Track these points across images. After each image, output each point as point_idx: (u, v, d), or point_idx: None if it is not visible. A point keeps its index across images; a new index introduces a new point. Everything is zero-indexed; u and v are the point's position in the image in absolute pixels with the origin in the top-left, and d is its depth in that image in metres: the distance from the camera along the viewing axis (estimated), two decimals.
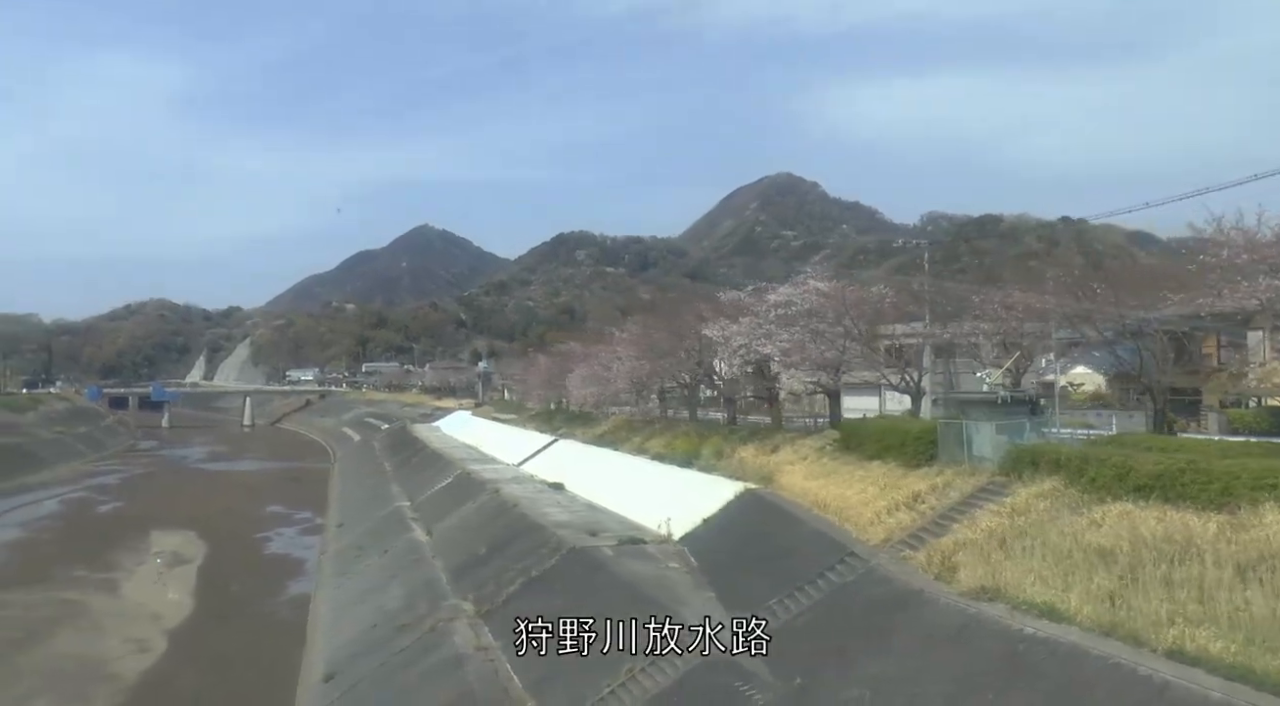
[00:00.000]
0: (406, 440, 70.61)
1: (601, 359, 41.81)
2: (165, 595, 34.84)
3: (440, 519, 34.62)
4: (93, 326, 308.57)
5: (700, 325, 31.44)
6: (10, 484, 73.88)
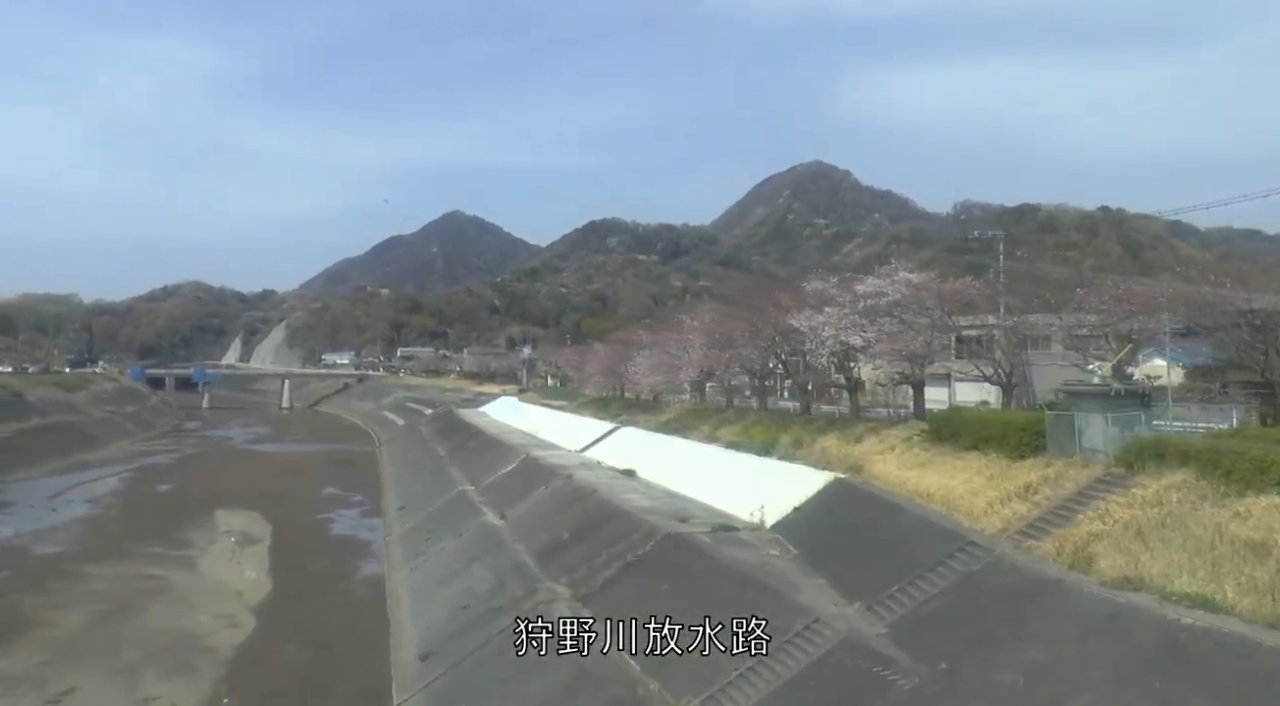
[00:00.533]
0: (456, 424, 71.16)
1: (669, 347, 41.87)
2: (243, 573, 35.49)
3: (512, 503, 34.91)
4: (131, 307, 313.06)
5: (779, 314, 31.45)
6: (68, 461, 75.42)
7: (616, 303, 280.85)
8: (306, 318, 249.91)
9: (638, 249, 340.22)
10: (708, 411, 39.69)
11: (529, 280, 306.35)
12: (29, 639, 26.81)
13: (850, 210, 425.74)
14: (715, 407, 40.46)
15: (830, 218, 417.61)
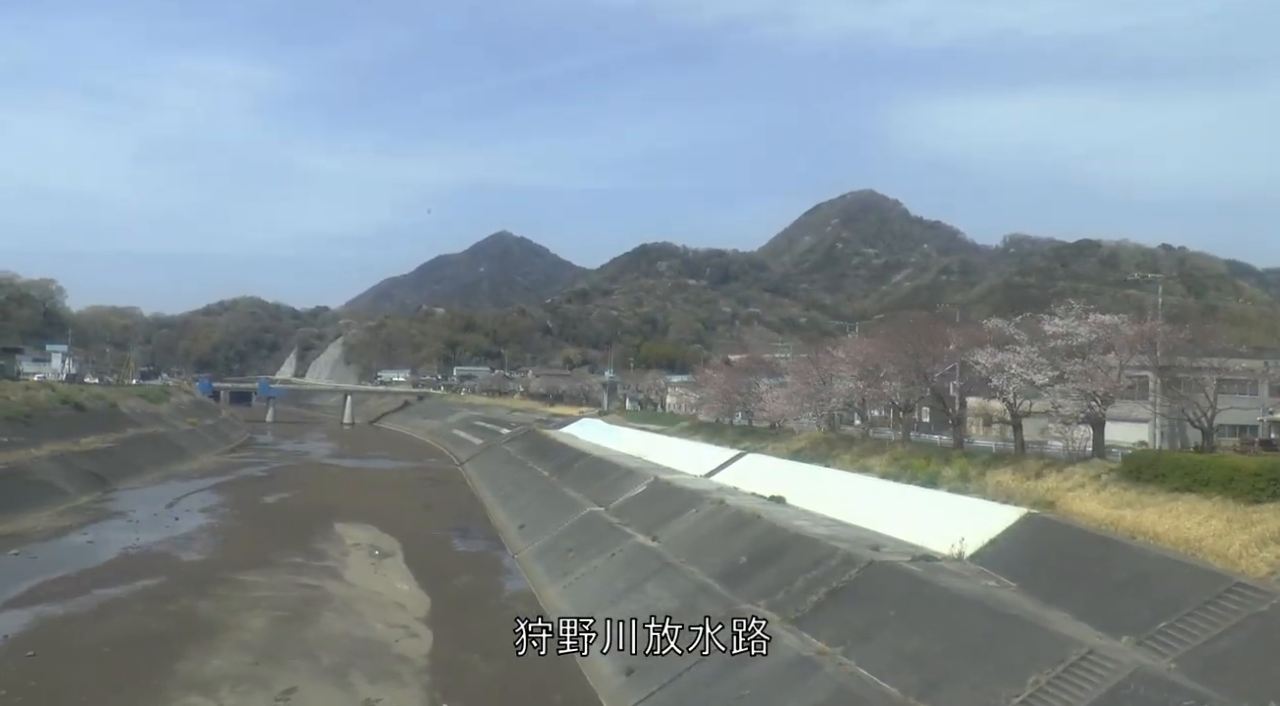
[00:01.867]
0: (547, 445, 71.95)
1: (809, 377, 42.24)
2: (394, 584, 36.28)
3: (659, 526, 35.36)
4: (189, 321, 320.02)
5: (935, 349, 31.87)
6: (166, 471, 77.37)
7: (666, 326, 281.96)
8: (363, 335, 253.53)
9: (687, 273, 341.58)
10: (842, 441, 39.97)
11: (579, 302, 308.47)
12: (224, 641, 27.70)
13: (899, 240, 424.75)
14: (848, 438, 40.73)
15: (879, 247, 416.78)
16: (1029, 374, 27.31)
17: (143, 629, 29.29)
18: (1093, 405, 26.73)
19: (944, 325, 35.91)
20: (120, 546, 43.69)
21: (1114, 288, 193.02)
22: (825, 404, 41.39)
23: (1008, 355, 27.91)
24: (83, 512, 53.86)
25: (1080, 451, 27.92)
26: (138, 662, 25.56)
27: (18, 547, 42.76)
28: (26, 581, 35.82)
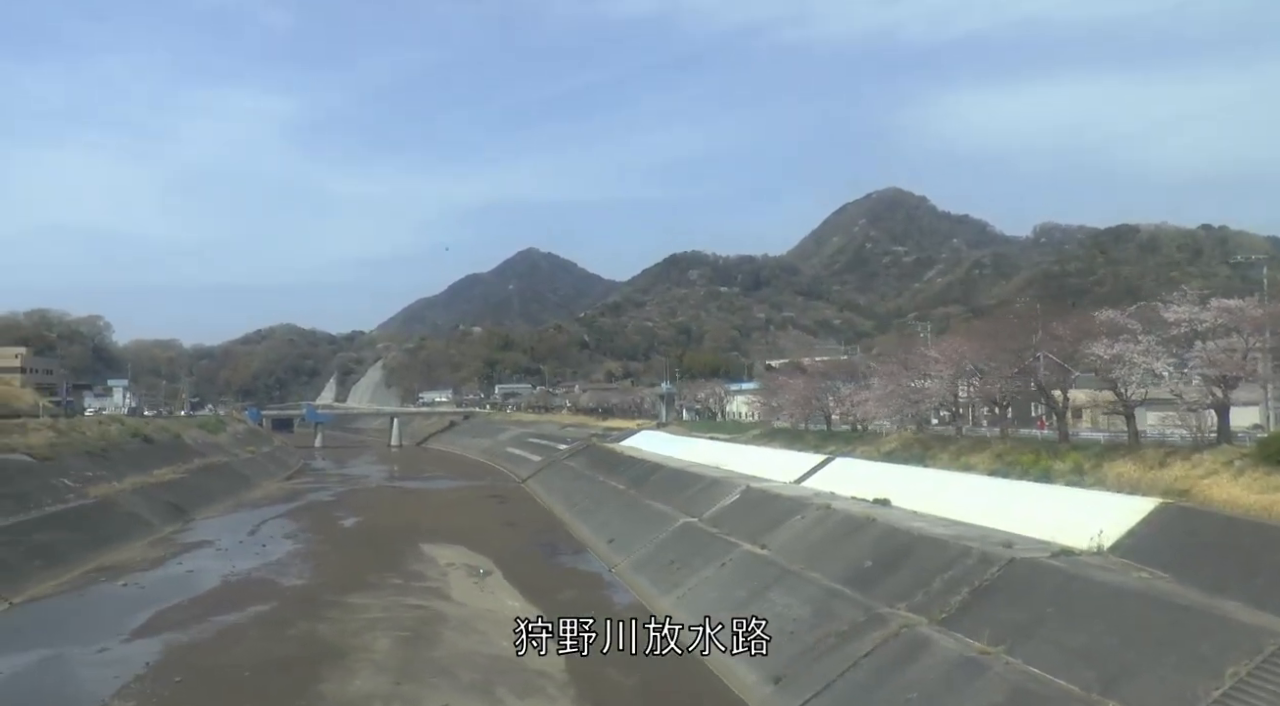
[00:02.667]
0: (613, 458, 72.14)
1: (900, 378, 42.12)
2: (504, 602, 36.54)
3: (765, 533, 35.37)
4: (228, 351, 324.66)
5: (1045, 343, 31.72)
6: (236, 500, 78.45)
7: (701, 335, 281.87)
8: (402, 357, 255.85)
9: (718, 281, 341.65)
10: (936, 441, 39.78)
11: (612, 315, 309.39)
12: (356, 663, 28.06)
13: (928, 237, 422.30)
14: (941, 437, 40.53)
15: (908, 244, 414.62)
16: (1151, 363, 27.11)
17: (271, 653, 29.75)
18: (1216, 390, 26.49)
19: (1050, 318, 35.54)
20: (219, 574, 44.37)
21: (1157, 270, 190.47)
22: (917, 404, 41.21)
23: (1126, 345, 27.70)
24: (171, 543, 54.80)
25: (1204, 438, 27.64)
26: (282, 686, 25.99)
27: (123, 578, 43.67)
28: (144, 611, 36.58)
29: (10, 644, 31.71)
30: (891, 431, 45.53)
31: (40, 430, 66.77)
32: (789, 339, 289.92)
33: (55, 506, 52.83)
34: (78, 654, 30.90)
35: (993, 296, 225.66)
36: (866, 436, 46.93)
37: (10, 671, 28.72)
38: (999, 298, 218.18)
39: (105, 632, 33.47)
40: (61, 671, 29.09)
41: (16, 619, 36.33)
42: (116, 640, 32.52)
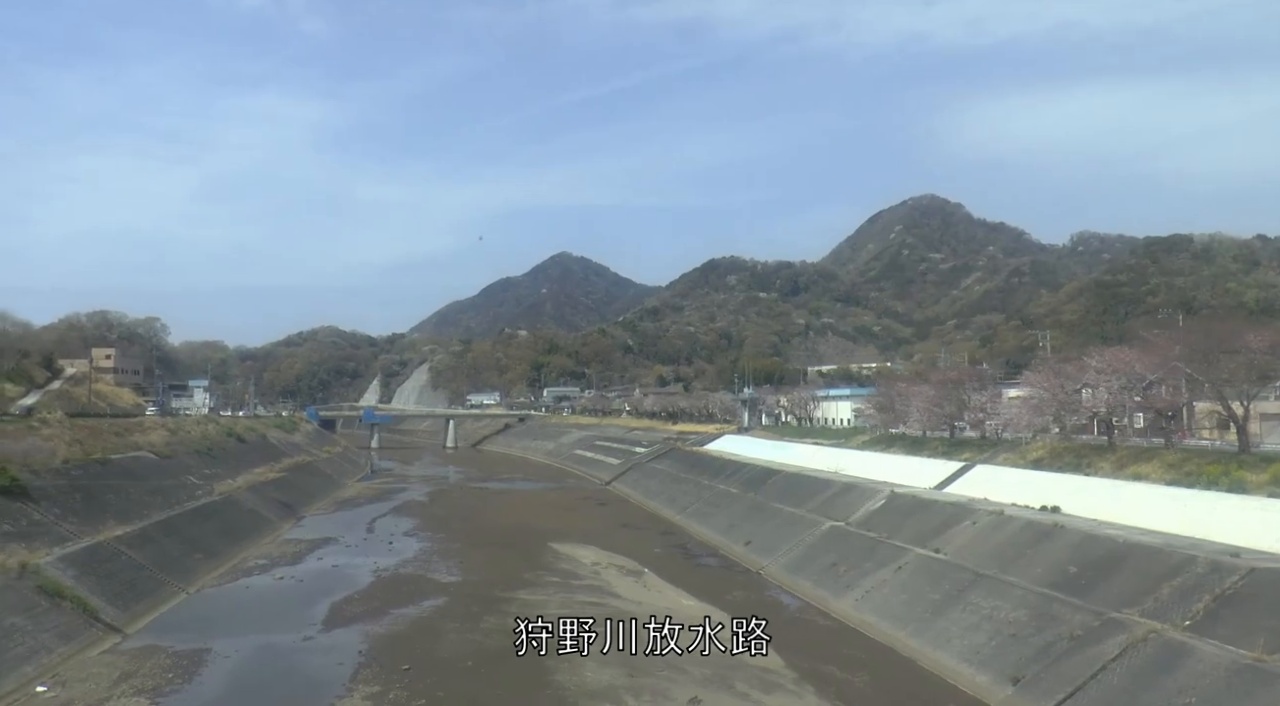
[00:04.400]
0: (712, 462, 72.88)
1: (1054, 387, 42.50)
2: (678, 601, 37.23)
3: (931, 538, 35.95)
4: (270, 352, 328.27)
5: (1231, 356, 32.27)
6: (330, 499, 79.91)
7: (741, 341, 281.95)
8: (449, 359, 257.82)
9: (756, 286, 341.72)
10: (1089, 450, 40.19)
11: (651, 319, 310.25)
12: (573, 655, 28.83)
13: (964, 244, 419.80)
14: (1093, 446, 40.90)
15: (944, 252, 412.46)
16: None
17: (481, 646, 30.65)
18: None
19: (1241, 329, 35.94)
20: (367, 570, 45.48)
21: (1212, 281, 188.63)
22: (1074, 414, 41.61)
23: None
24: (296, 539, 56.03)
25: None
26: (515, 676, 26.80)
27: (275, 572, 45.00)
28: (318, 603, 37.78)
29: (214, 630, 32.94)
30: (1029, 440, 45.88)
31: (156, 429, 68.47)
32: (828, 345, 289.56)
33: (193, 503, 54.33)
34: (286, 641, 32.04)
35: (1042, 305, 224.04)
36: (1002, 444, 47.34)
37: (237, 656, 29.90)
38: (1049, 306, 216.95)
39: (295, 623, 34.60)
40: (283, 657, 30.23)
41: (199, 608, 37.64)
42: (313, 629, 33.63)
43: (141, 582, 38.91)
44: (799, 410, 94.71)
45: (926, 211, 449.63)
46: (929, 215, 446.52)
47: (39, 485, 42.26)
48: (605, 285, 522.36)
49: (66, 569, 35.26)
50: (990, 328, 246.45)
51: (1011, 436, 48.88)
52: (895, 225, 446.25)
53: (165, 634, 32.97)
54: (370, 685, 26.36)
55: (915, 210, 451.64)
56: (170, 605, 37.92)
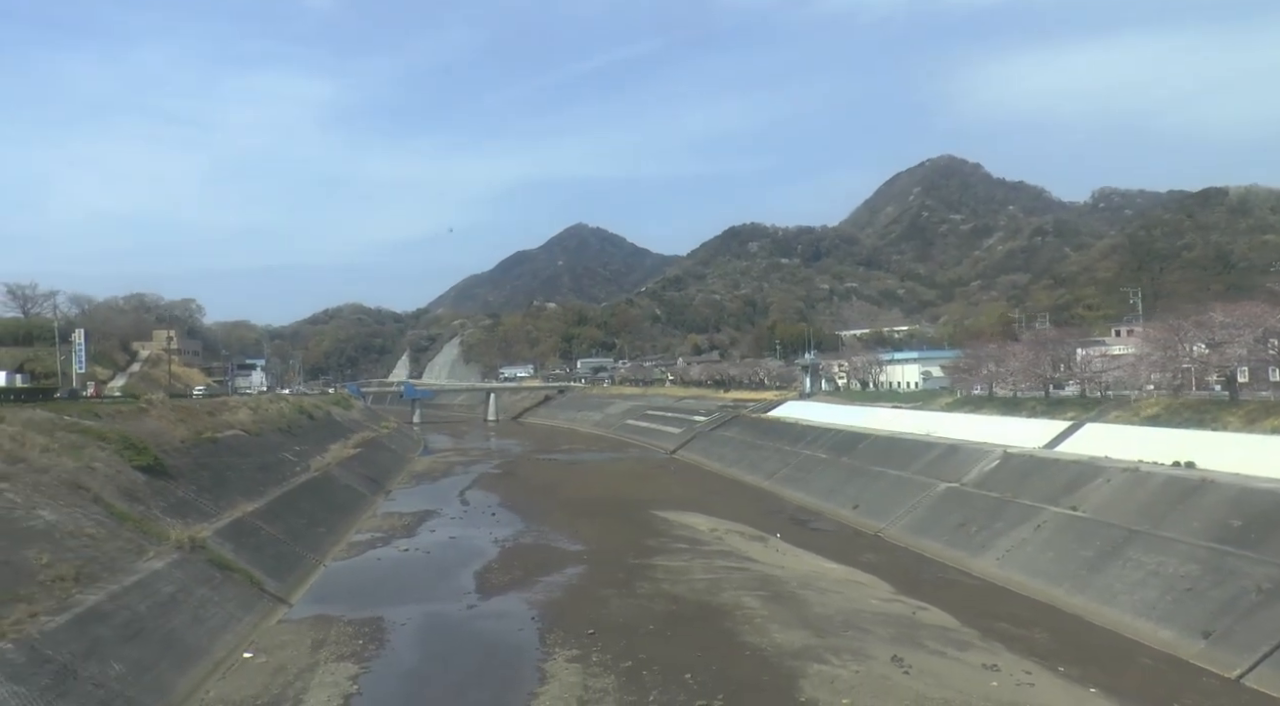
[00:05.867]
0: (787, 428, 73.66)
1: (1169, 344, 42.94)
2: (820, 564, 37.99)
3: (1063, 497, 36.55)
4: (297, 331, 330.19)
5: None
6: (406, 473, 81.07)
7: (766, 307, 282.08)
8: (480, 333, 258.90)
9: (778, 253, 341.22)
10: (1210, 405, 40.71)
11: (674, 288, 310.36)
12: (747, 618, 29.61)
13: (983, 204, 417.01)
14: (1212, 401, 41.39)
15: (964, 212, 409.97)
16: None
17: (649, 610, 31.43)
18: None
19: None
20: (486, 541, 46.53)
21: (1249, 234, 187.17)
22: (1201, 370, 42.00)
23: None
24: (396, 513, 56.97)
25: None
26: (701, 638, 27.51)
27: (393, 544, 46.10)
28: (458, 574, 38.85)
29: (372, 600, 33.88)
30: (1137, 398, 46.33)
31: (241, 409, 69.59)
32: (852, 310, 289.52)
33: (297, 479, 55.50)
34: (451, 610, 33.02)
35: (1073, 263, 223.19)
36: (1107, 402, 47.84)
37: (411, 623, 30.83)
38: (1081, 264, 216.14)
39: (448, 592, 35.57)
40: (457, 624, 31.19)
41: (342, 579, 38.75)
42: (470, 598, 34.57)
43: (284, 556, 40.09)
44: (860, 374, 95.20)
45: (945, 172, 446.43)
46: (947, 176, 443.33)
47: (172, 464, 43.42)
48: (622, 255, 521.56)
49: (224, 543, 36.44)
50: (1016, 287, 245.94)
51: (1114, 395, 49.37)
52: (913, 187, 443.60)
53: (326, 604, 34.05)
54: (565, 648, 27.24)
55: (933, 171, 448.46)
56: (315, 577, 39.10)
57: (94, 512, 32.59)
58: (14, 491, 29.88)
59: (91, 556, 28.64)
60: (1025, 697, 21.93)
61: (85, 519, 31.44)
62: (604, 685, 23.68)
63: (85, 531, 30.13)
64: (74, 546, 28.46)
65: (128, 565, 29.46)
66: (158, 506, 37.75)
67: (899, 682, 23.10)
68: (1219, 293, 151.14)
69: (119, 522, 32.88)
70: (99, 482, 35.60)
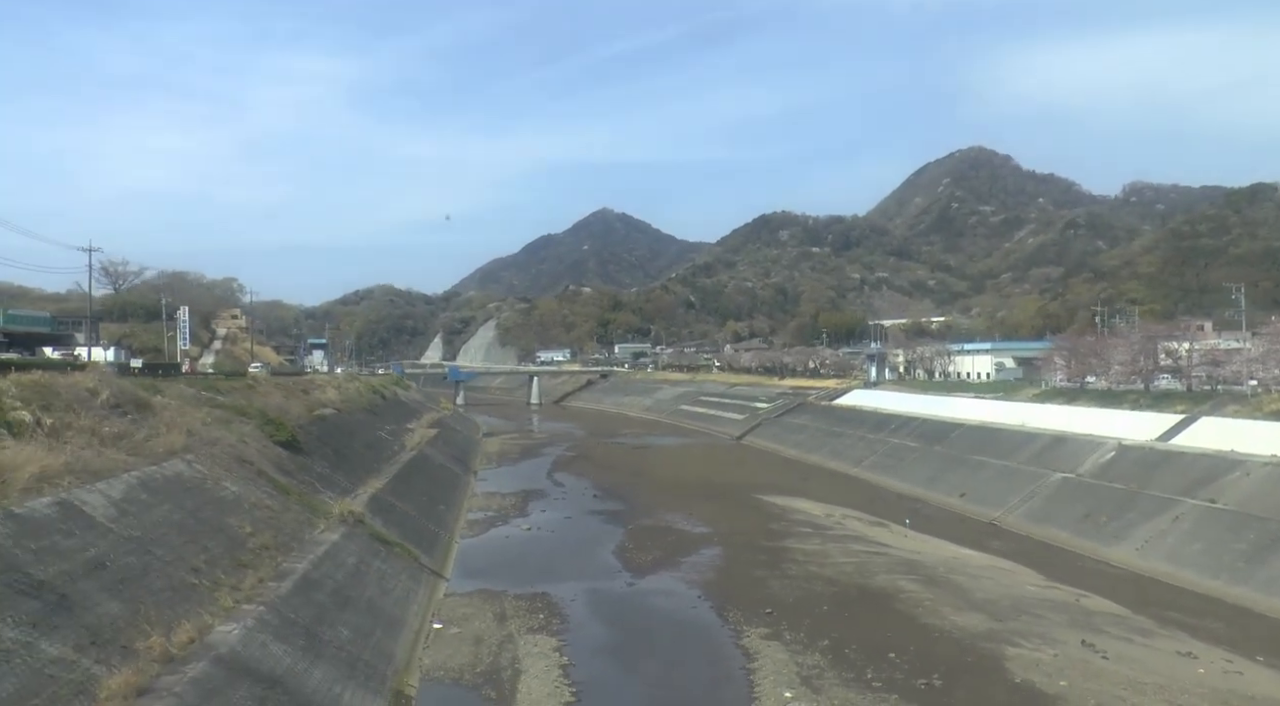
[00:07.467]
0: (867, 416, 74.25)
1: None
2: (960, 550, 38.68)
3: (1197, 489, 37.17)
4: (329, 311, 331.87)
5: None
6: (481, 455, 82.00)
7: (797, 296, 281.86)
8: (515, 317, 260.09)
9: (809, 241, 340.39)
10: None
11: (705, 275, 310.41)
12: (911, 601, 30.58)
13: (1013, 196, 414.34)
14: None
15: (993, 204, 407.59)
16: None
17: (810, 590, 32.42)
18: None
19: None
20: (601, 522, 47.83)
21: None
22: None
23: None
24: (496, 494, 57.90)
25: None
26: (878, 618, 28.65)
27: (511, 523, 47.20)
28: (596, 553, 39.88)
29: (525, 576, 34.89)
30: (1255, 393, 46.74)
31: (327, 388, 70.79)
32: (883, 300, 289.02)
33: (401, 457, 56.60)
34: (612, 587, 33.99)
35: (1114, 257, 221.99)
36: (1220, 397, 48.23)
37: (580, 599, 31.72)
38: (1122, 259, 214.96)
39: (597, 570, 36.60)
40: (626, 600, 32.12)
41: (483, 556, 39.83)
42: (624, 576, 35.58)
43: (423, 532, 41.20)
44: (926, 364, 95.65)
45: (974, 163, 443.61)
46: (977, 167, 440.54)
47: (302, 440, 44.51)
48: (648, 241, 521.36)
49: (374, 518, 37.50)
50: (1050, 281, 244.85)
51: (1223, 389, 49.81)
52: (942, 178, 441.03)
53: (481, 578, 35.07)
54: (751, 626, 28.15)
55: (963, 162, 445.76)
56: (454, 553, 40.20)
57: (263, 485, 33.70)
58: (200, 463, 30.93)
59: (278, 526, 29.80)
60: (1238, 685, 22.67)
61: (258, 491, 32.57)
62: (814, 662, 24.60)
63: (265, 504, 31.26)
64: (262, 517, 29.59)
65: (307, 536, 30.56)
66: (302, 480, 38.85)
67: (1103, 667, 23.89)
68: (1269, 289, 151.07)
69: (284, 495, 33.98)
70: (255, 456, 36.74)
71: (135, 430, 29.67)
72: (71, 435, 25.49)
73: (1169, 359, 54.70)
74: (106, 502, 22.23)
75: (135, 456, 26.95)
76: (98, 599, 17.70)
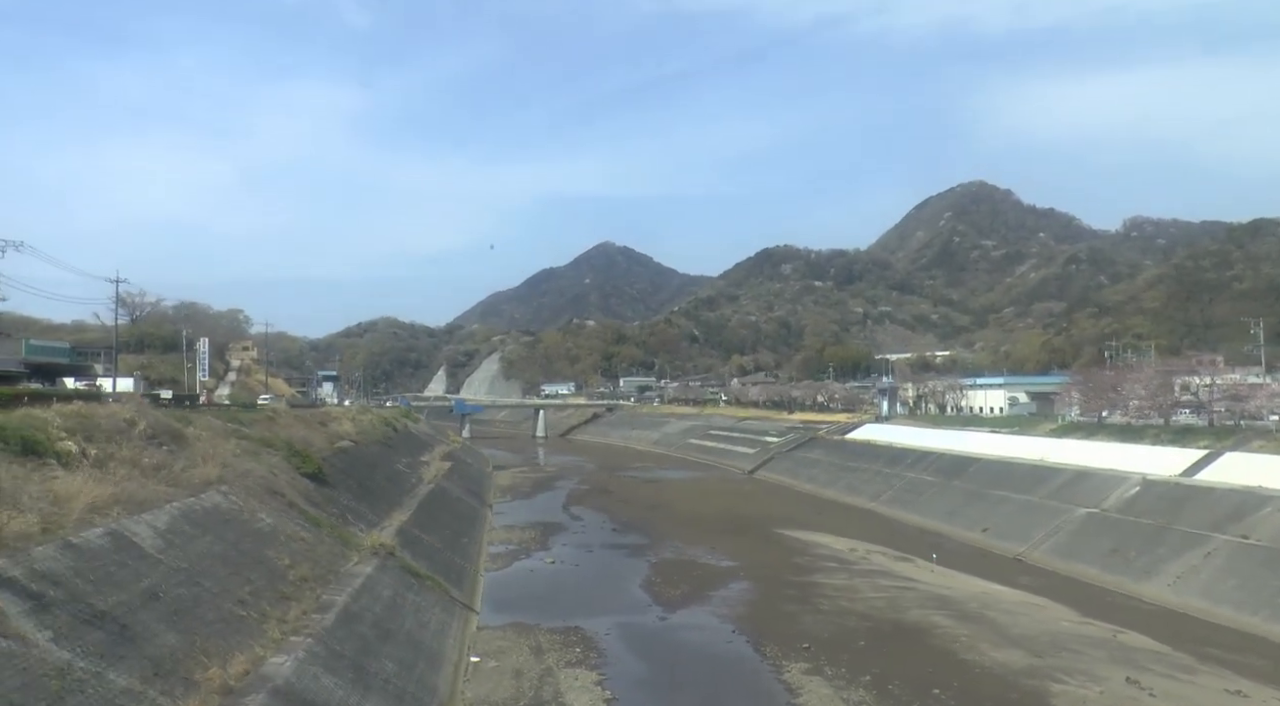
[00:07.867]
0: (880, 451, 74.19)
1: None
2: (990, 585, 38.49)
3: (1229, 524, 37.19)
4: (331, 343, 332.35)
5: None
6: (493, 488, 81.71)
7: (800, 330, 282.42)
8: (520, 350, 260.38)
9: (811, 275, 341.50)
10: None
11: (708, 309, 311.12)
12: (945, 636, 30.50)
13: (1014, 231, 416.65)
14: None
15: (995, 239, 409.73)
16: None
17: (844, 626, 32.32)
18: None
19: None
20: (624, 556, 47.63)
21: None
22: None
23: None
24: (515, 526, 57.76)
25: None
26: (915, 654, 28.54)
27: (534, 557, 47.06)
28: (625, 587, 39.73)
29: (557, 610, 34.77)
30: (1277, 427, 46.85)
31: (343, 420, 70.77)
32: (886, 334, 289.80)
33: (419, 490, 56.52)
34: (644, 621, 33.89)
35: (1118, 292, 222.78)
36: (1243, 431, 48.30)
37: (615, 633, 31.59)
38: (1126, 294, 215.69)
39: (627, 604, 36.51)
40: (658, 634, 31.98)
41: (510, 589, 39.68)
42: (655, 610, 35.50)
43: (450, 565, 41.07)
44: (937, 398, 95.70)
45: (975, 198, 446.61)
46: (978, 201, 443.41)
47: (327, 471, 44.49)
48: (649, 275, 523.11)
49: (402, 550, 37.40)
50: (1052, 315, 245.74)
51: (1246, 424, 49.92)
52: (944, 212, 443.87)
53: (511, 612, 34.95)
54: (790, 661, 28.04)
55: (964, 197, 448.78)
56: (481, 586, 40.02)
57: (295, 517, 33.69)
58: (235, 495, 30.93)
59: (314, 558, 29.77)
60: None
61: (291, 523, 32.54)
62: (859, 697, 24.50)
63: (300, 535, 31.24)
64: (298, 549, 29.56)
65: (341, 568, 30.51)
66: (331, 512, 38.82)
67: (1150, 705, 23.78)
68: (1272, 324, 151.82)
69: (316, 527, 33.95)
70: (284, 487, 36.74)
71: (173, 461, 29.74)
72: (114, 465, 25.59)
73: (1188, 394, 54.86)
74: (154, 533, 22.28)
75: (174, 487, 27.01)
76: (156, 629, 17.72)
